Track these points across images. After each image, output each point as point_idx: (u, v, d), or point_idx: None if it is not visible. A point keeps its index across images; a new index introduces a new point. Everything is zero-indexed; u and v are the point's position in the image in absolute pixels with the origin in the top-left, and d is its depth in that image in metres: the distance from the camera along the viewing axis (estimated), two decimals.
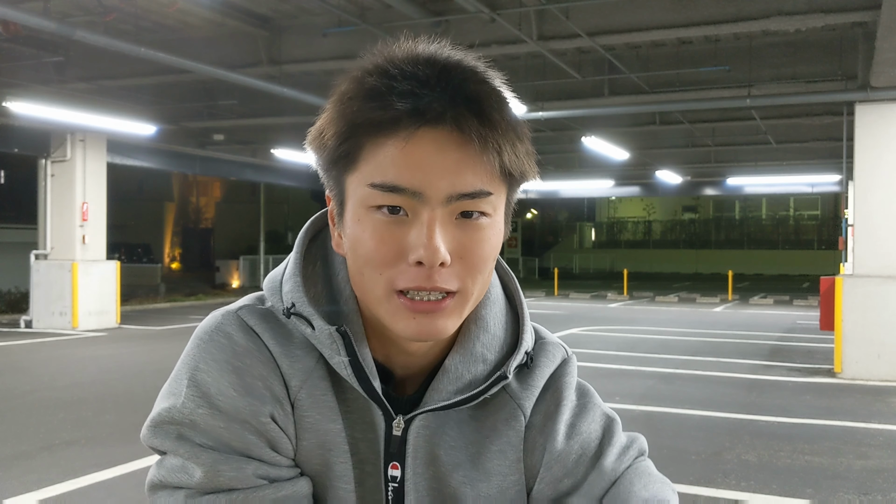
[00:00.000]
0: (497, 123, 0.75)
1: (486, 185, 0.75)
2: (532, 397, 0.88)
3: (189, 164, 18.64)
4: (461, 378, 0.83)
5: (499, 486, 0.85)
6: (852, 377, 9.18)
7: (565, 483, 0.87)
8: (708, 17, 8.46)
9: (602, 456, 0.88)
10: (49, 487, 4.93)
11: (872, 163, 9.41)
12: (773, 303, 21.51)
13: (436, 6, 9.08)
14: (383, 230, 0.74)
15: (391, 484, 0.83)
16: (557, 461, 0.87)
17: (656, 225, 45.42)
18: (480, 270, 0.76)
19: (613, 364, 10.18)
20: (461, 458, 0.84)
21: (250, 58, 10.27)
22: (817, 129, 15.38)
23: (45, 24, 7.80)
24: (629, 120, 14.92)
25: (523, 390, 0.87)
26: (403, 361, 0.84)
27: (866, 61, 9.08)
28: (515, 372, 0.87)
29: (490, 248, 0.77)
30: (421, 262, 0.73)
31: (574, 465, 0.87)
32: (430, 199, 0.73)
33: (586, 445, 0.88)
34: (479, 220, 0.76)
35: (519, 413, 0.87)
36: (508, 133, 0.76)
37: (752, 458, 5.77)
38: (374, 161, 0.74)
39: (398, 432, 0.83)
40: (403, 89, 0.73)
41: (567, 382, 0.91)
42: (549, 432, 0.87)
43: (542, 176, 18.38)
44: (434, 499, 0.84)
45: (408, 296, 0.75)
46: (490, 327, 0.87)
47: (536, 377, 0.88)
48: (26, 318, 14.35)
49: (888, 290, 9.17)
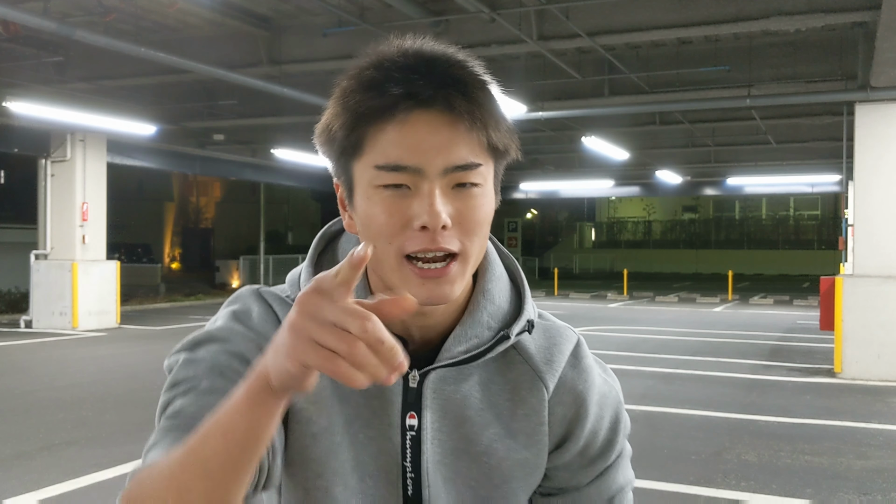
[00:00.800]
0: (481, 102, 0.85)
1: (476, 157, 0.85)
2: (554, 374, 0.99)
3: (189, 164, 18.64)
4: (469, 341, 0.94)
5: (525, 444, 0.97)
6: (852, 377, 9.18)
7: (565, 479, 1.03)
8: (708, 17, 8.46)
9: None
10: (49, 487, 4.93)
11: (872, 163, 9.41)
12: (773, 303, 21.51)
13: (436, 6, 9.08)
14: (391, 204, 0.84)
15: (409, 432, 0.94)
16: (574, 462, 1.02)
17: (656, 225, 45.41)
18: (476, 233, 0.87)
19: (613, 364, 10.15)
20: (489, 418, 0.96)
21: (250, 58, 10.26)
22: (817, 129, 15.37)
23: (45, 24, 7.80)
24: (629, 120, 14.91)
25: (545, 365, 0.98)
26: (420, 331, 0.94)
27: (866, 61, 9.08)
28: (520, 338, 0.98)
29: (483, 214, 0.87)
30: (425, 226, 0.83)
31: (584, 480, 1.03)
32: (428, 173, 0.83)
33: (604, 485, 1.03)
34: (472, 190, 0.86)
35: (541, 385, 0.98)
36: (492, 111, 0.86)
37: (752, 458, 5.77)
38: (378, 145, 0.84)
39: (414, 384, 0.94)
40: (397, 78, 0.83)
41: (589, 365, 1.03)
42: (576, 426, 1.00)
43: (542, 176, 18.44)
44: (459, 453, 0.95)
45: (416, 263, 0.84)
46: (496, 300, 0.97)
47: (556, 356, 1.00)
48: (26, 318, 14.35)
49: (888, 290, 9.17)
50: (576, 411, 0.99)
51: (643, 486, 5.11)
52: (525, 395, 0.97)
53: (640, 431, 6.62)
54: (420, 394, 0.94)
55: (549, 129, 15.69)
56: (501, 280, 0.99)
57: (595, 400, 1.01)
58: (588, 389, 1.00)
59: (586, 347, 1.04)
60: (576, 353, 1.02)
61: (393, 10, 8.96)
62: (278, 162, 18.84)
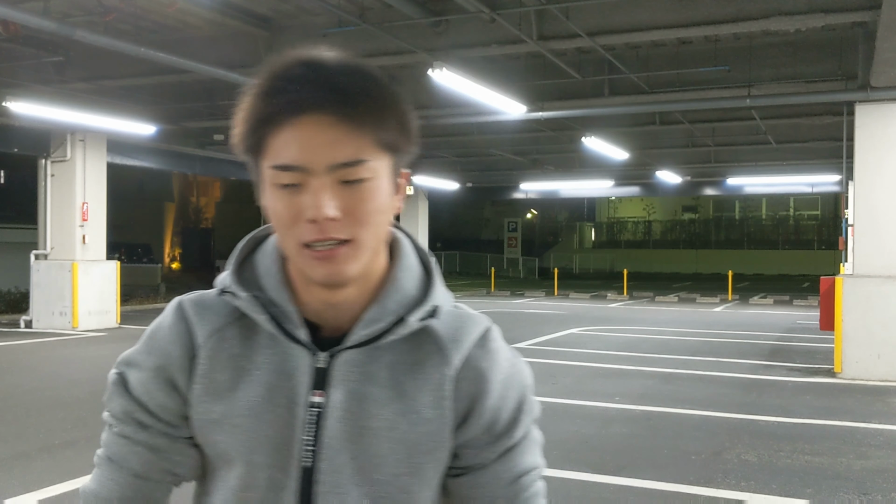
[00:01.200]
0: (364, 104, 0.93)
1: (361, 154, 0.93)
2: (459, 351, 1.03)
3: (189, 164, 18.63)
4: (374, 325, 1.01)
5: (429, 417, 1.01)
6: (852, 377, 9.18)
7: (471, 457, 1.05)
8: (708, 17, 8.46)
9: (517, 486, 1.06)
10: (49, 487, 4.93)
11: (872, 163, 9.41)
12: (772, 303, 21.51)
13: (436, 6, 9.07)
14: (286, 199, 0.94)
15: (314, 409, 1.01)
16: (480, 438, 1.04)
17: (656, 225, 45.41)
18: (367, 223, 0.95)
19: (613, 364, 10.18)
20: (394, 394, 1.01)
21: (250, 58, 10.26)
22: (817, 129, 15.37)
23: (45, 24, 7.80)
24: (629, 120, 14.91)
25: (452, 343, 1.03)
26: (333, 319, 1.03)
27: (866, 61, 9.08)
28: (431, 322, 1.03)
29: (374, 205, 0.95)
30: (314, 219, 0.92)
31: (490, 455, 1.05)
32: (315, 171, 0.93)
33: (510, 463, 1.05)
34: (361, 184, 0.94)
35: (446, 360, 1.03)
36: (376, 111, 0.94)
37: (752, 458, 5.77)
38: (273, 148, 0.94)
39: (323, 365, 1.01)
40: (288, 87, 0.93)
41: (497, 348, 1.06)
42: (479, 402, 1.03)
43: (542, 176, 18.40)
44: (363, 430, 1.00)
45: (311, 248, 0.94)
46: (403, 288, 1.04)
47: (464, 336, 1.04)
48: (26, 318, 14.35)
49: (888, 290, 9.17)
50: (479, 387, 1.03)
51: (643, 486, 5.12)
52: (430, 371, 1.02)
53: (640, 431, 6.62)
54: (328, 374, 1.01)
55: (549, 129, 15.69)
56: (411, 270, 1.06)
57: (499, 379, 1.04)
58: (492, 367, 1.04)
59: (497, 334, 1.08)
60: (485, 336, 1.06)
61: (393, 10, 8.95)
62: None
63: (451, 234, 44.49)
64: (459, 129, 16.17)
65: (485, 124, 14.54)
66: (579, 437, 6.38)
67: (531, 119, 12.48)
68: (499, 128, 15.34)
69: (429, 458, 1.01)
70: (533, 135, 16.62)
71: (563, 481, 5.19)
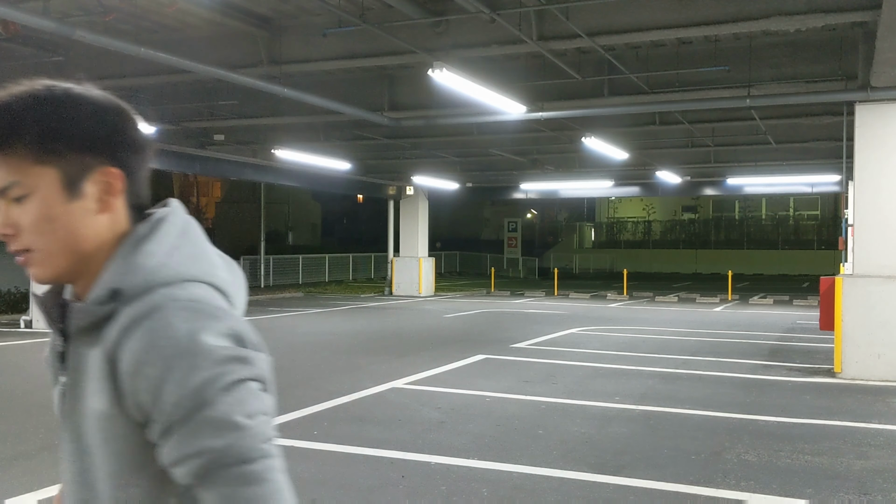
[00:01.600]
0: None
1: (12, 177, 1.06)
2: (121, 341, 1.04)
3: (189, 164, 18.62)
4: (76, 315, 1.10)
5: (98, 404, 1.06)
6: (852, 377, 9.19)
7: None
8: (708, 17, 8.46)
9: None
10: (49, 487, 4.93)
11: (873, 163, 9.41)
12: (772, 303, 21.51)
13: (436, 6, 9.08)
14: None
15: (58, 388, 1.15)
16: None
17: (656, 225, 45.42)
18: (34, 232, 1.08)
19: (613, 364, 10.18)
20: (88, 379, 1.09)
21: (250, 58, 10.26)
22: (817, 129, 15.37)
23: (45, 24, 7.79)
24: (629, 120, 14.91)
25: (121, 331, 1.05)
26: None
27: (866, 61, 9.08)
28: (125, 309, 1.06)
29: (33, 218, 1.07)
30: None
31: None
32: None
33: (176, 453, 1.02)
34: (22, 201, 1.07)
35: (101, 341, 1.07)
36: (7, 135, 1.05)
37: (752, 458, 5.77)
38: None
39: (63, 349, 1.14)
40: None
41: (156, 332, 1.02)
42: (140, 394, 1.03)
43: (542, 176, 18.34)
44: (71, 412, 1.11)
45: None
46: (102, 282, 1.11)
47: (122, 315, 1.05)
48: (26, 319, 14.35)
49: (888, 290, 9.17)
50: (137, 379, 1.02)
51: (643, 486, 5.12)
52: (102, 361, 1.06)
53: (640, 431, 6.62)
54: (65, 358, 1.13)
55: (548, 130, 15.68)
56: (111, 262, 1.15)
57: (147, 361, 1.01)
58: (146, 355, 1.01)
59: (175, 316, 1.03)
60: (152, 318, 1.03)
61: (393, 10, 8.96)
62: (278, 162, 18.85)
63: (451, 234, 44.53)
64: (459, 129, 16.17)
65: (485, 124, 14.54)
66: (579, 437, 6.38)
67: (531, 119, 12.48)
68: (499, 128, 15.34)
69: (106, 450, 1.11)
70: (533, 135, 16.61)
71: (563, 481, 5.19)
